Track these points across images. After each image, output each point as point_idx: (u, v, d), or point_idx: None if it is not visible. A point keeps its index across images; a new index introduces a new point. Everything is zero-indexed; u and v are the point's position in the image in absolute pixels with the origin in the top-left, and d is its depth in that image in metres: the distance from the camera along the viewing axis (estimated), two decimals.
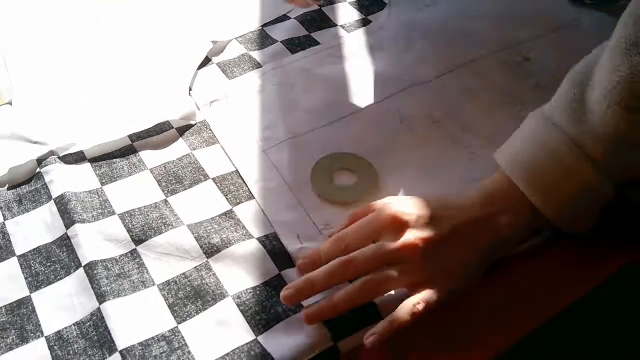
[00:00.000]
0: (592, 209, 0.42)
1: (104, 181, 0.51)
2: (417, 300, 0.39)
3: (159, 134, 0.55)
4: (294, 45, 0.67)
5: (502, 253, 0.44)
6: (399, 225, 0.41)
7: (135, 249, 0.46)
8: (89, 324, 0.41)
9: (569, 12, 0.72)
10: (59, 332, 0.41)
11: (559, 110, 0.42)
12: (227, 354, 0.39)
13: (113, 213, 0.48)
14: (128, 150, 0.54)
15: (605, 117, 0.39)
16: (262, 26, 0.70)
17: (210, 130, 0.56)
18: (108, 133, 0.55)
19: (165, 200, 0.49)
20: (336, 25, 0.70)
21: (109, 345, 0.40)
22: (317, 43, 0.68)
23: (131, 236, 0.47)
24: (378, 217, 0.42)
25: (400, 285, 0.41)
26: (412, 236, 0.40)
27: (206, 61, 0.65)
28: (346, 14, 0.72)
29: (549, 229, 0.45)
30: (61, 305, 0.43)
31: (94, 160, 0.53)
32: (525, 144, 0.43)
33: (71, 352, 0.40)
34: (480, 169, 0.52)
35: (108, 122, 0.56)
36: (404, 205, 0.43)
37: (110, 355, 0.39)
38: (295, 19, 0.71)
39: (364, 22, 0.71)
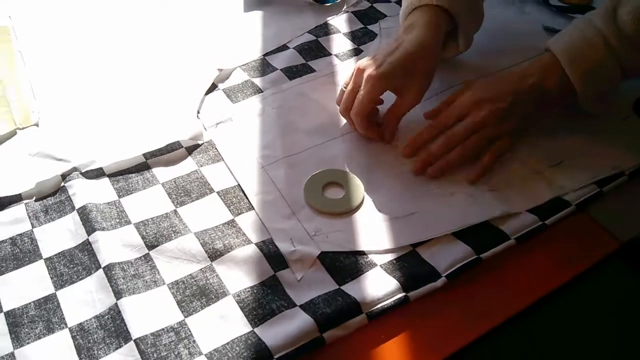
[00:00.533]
0: (603, 86, 0.59)
1: (120, 194, 0.58)
2: (495, 147, 0.59)
3: (169, 152, 0.62)
4: (292, 72, 0.74)
5: (549, 110, 0.62)
6: (478, 103, 0.59)
7: (148, 253, 0.52)
8: (107, 317, 0.47)
9: (545, 41, 0.79)
10: (80, 324, 0.47)
11: (599, 17, 0.58)
12: (227, 343, 0.45)
13: (129, 222, 0.55)
14: (142, 166, 0.60)
15: (628, 25, 0.55)
16: (263, 55, 0.77)
17: (216, 149, 0.63)
18: (124, 151, 0.61)
19: (175, 211, 0.56)
20: (330, 54, 0.77)
21: (124, 335, 0.46)
22: (313, 70, 0.75)
23: (145, 242, 0.53)
24: (460, 99, 0.61)
25: (485, 141, 0.59)
26: (488, 110, 0.59)
27: (212, 87, 0.71)
28: (340, 44, 0.79)
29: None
30: (83, 301, 0.49)
31: (112, 175, 0.60)
32: (570, 37, 0.60)
33: (91, 340, 0.46)
34: (454, 185, 0.58)
35: (124, 142, 0.63)
36: (476, 85, 0.61)
37: (125, 344, 0.45)
38: (293, 48, 0.78)
39: (356, 52, 0.78)
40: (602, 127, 0.64)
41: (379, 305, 0.48)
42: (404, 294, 0.48)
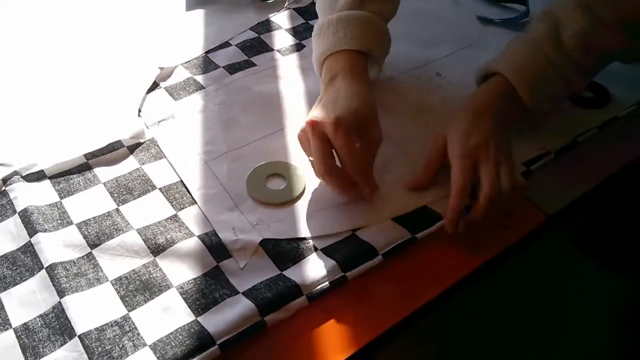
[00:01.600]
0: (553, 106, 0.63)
1: (62, 195, 0.58)
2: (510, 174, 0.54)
3: (111, 152, 0.62)
4: (234, 69, 0.75)
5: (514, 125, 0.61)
6: (492, 168, 0.54)
7: (90, 252, 0.52)
8: (51, 315, 0.48)
9: (478, 31, 0.82)
10: (25, 323, 0.47)
11: (545, 41, 0.60)
12: (170, 333, 0.46)
13: (71, 223, 0.55)
14: (83, 167, 0.61)
15: (575, 51, 0.59)
16: (205, 53, 0.78)
17: (158, 146, 0.64)
18: (65, 152, 0.61)
19: (117, 209, 0.56)
20: (273, 50, 0.79)
21: (69, 331, 0.46)
22: (255, 66, 0.76)
23: (87, 242, 0.53)
24: (463, 168, 0.54)
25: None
26: (497, 166, 0.54)
27: (154, 85, 0.72)
28: (282, 39, 0.81)
29: None
30: (26, 301, 0.49)
31: (53, 177, 0.60)
32: (521, 59, 0.61)
33: (36, 339, 0.46)
34: (392, 173, 0.60)
35: (65, 143, 0.63)
36: (466, 152, 0.55)
37: (70, 340, 0.46)
38: (235, 45, 0.79)
39: (298, 47, 0.80)
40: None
41: (318, 287, 0.49)
42: (342, 274, 0.50)
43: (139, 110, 0.68)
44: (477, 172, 0.54)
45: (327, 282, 0.50)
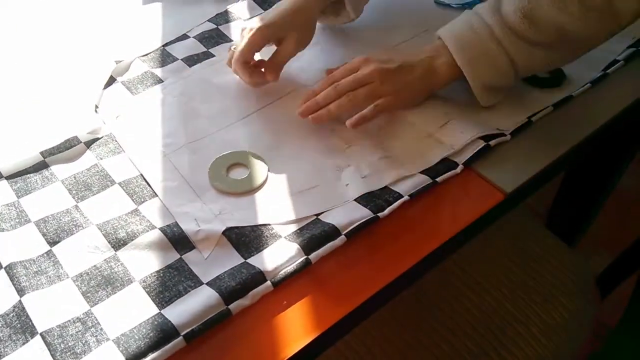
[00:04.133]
0: (493, 77, 0.63)
1: (19, 194, 0.57)
2: (377, 102, 0.62)
3: (68, 149, 0.61)
4: (193, 61, 0.74)
5: (436, 84, 0.65)
6: (368, 62, 0.63)
7: (50, 250, 0.52)
8: (11, 314, 0.47)
9: (436, 16, 0.83)
10: None
11: (484, 7, 0.62)
12: (134, 327, 0.46)
13: (29, 221, 0.54)
14: (40, 165, 0.59)
15: (513, 16, 0.59)
16: (163, 45, 0.77)
17: (116, 141, 0.63)
18: (21, 151, 0.60)
19: (76, 206, 0.56)
20: (232, 41, 0.78)
21: (30, 330, 0.46)
22: (211, 54, 0.75)
23: (46, 239, 0.52)
24: (354, 60, 0.65)
25: (368, 95, 0.62)
26: (375, 67, 0.63)
27: (111, 80, 0.71)
28: (240, 30, 0.80)
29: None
30: None
31: (9, 177, 0.58)
32: (458, 23, 0.64)
33: None
34: (353, 155, 0.61)
35: (20, 141, 0.62)
36: (374, 54, 0.65)
37: (32, 338, 0.45)
38: (194, 37, 0.78)
39: None
40: None
41: (282, 272, 0.50)
42: (305, 257, 0.51)
43: (96, 106, 0.67)
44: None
45: (290, 266, 0.50)
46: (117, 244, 0.52)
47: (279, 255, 0.51)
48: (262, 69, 0.69)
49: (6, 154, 0.60)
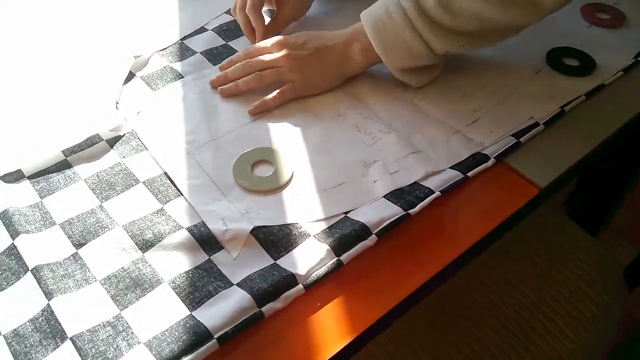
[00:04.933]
0: (410, 60, 0.62)
1: (42, 195, 0.56)
2: (282, 89, 0.64)
3: (90, 147, 0.60)
4: (213, 55, 0.73)
5: (350, 70, 0.66)
6: (283, 45, 0.65)
7: (76, 252, 0.51)
8: (41, 319, 0.46)
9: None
10: (15, 329, 0.46)
11: None
12: (166, 329, 0.45)
13: (54, 223, 0.53)
14: (62, 164, 0.58)
15: (428, 1, 0.58)
16: (181, 39, 0.76)
17: (138, 138, 0.62)
18: (42, 150, 0.59)
19: (101, 206, 0.55)
20: None
21: (60, 334, 0.45)
22: (234, 51, 0.74)
23: (72, 242, 0.52)
24: (270, 40, 0.67)
25: (274, 79, 0.65)
26: (286, 52, 0.64)
27: (130, 75, 0.70)
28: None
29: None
30: (14, 306, 0.47)
31: (31, 177, 0.57)
32: (377, 7, 0.63)
33: (27, 345, 0.45)
34: (379, 151, 0.59)
35: (42, 140, 0.61)
36: (292, 36, 0.66)
37: (62, 343, 0.44)
38: (212, 30, 0.77)
39: None
40: (516, 82, 0.67)
41: (314, 274, 0.48)
42: (336, 258, 0.49)
43: (117, 103, 0.66)
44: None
45: (322, 268, 0.49)
46: (145, 245, 0.51)
47: (310, 256, 0.50)
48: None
49: (27, 153, 0.59)
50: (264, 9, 0.76)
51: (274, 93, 0.64)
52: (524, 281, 0.80)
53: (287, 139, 0.62)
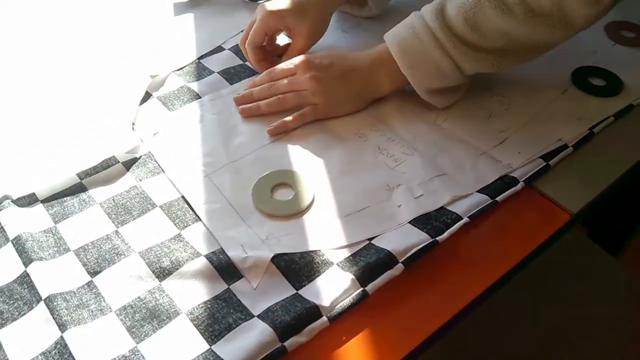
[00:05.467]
0: (438, 81, 0.61)
1: (56, 219, 0.54)
2: (304, 111, 0.63)
3: (105, 169, 0.58)
4: (230, 74, 0.71)
5: (374, 93, 0.65)
6: (308, 67, 0.62)
7: (91, 281, 0.49)
8: (54, 352, 0.44)
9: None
10: None
11: (428, 10, 0.59)
12: None
13: (68, 250, 0.51)
14: (77, 188, 0.57)
15: (455, 21, 0.56)
16: (198, 58, 0.74)
17: (155, 160, 0.60)
18: (57, 173, 0.58)
19: (116, 231, 0.53)
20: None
21: None
22: (251, 71, 0.72)
23: (86, 269, 0.50)
24: (295, 60, 0.64)
25: (297, 102, 0.63)
26: (310, 75, 0.62)
27: (147, 96, 0.68)
28: (277, 39, 0.77)
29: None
30: (27, 338, 0.45)
31: (45, 201, 0.56)
32: (402, 28, 0.61)
33: None
34: (403, 173, 0.57)
35: (56, 162, 0.59)
36: (314, 55, 0.64)
37: None
38: (229, 49, 0.76)
39: None
40: (541, 102, 0.65)
41: (338, 306, 0.46)
42: (362, 288, 0.47)
43: (133, 124, 0.64)
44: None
45: (347, 300, 0.47)
46: (162, 274, 0.49)
47: (333, 286, 0.47)
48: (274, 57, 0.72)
49: (41, 175, 0.58)
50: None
51: (295, 114, 0.63)
52: (548, 306, 0.78)
53: (307, 160, 0.60)
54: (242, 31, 0.78)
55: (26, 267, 0.50)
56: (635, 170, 0.59)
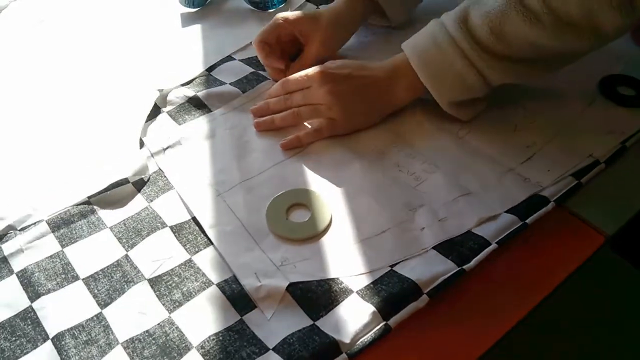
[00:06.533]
0: (462, 93, 0.58)
1: (63, 243, 0.52)
2: (320, 127, 0.60)
3: (115, 188, 0.56)
4: (242, 84, 0.69)
5: (393, 106, 0.62)
6: (325, 78, 0.59)
7: (100, 312, 0.47)
8: None
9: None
10: None
11: (450, 18, 0.56)
12: None
13: (77, 278, 0.49)
14: (86, 210, 0.55)
15: (480, 30, 0.53)
16: (207, 69, 0.72)
17: (165, 177, 0.58)
18: (63, 199, 0.55)
19: (126, 256, 0.51)
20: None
21: None
22: (264, 78, 0.70)
23: (97, 301, 0.48)
24: (311, 70, 0.61)
25: (312, 116, 0.61)
26: (329, 86, 0.59)
27: (155, 110, 0.66)
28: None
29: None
30: None
31: (52, 223, 0.54)
32: (423, 37, 0.58)
33: None
34: (425, 193, 0.54)
35: (62, 188, 0.57)
36: (329, 66, 0.61)
37: None
38: (240, 60, 0.73)
39: None
40: (567, 114, 0.61)
41: (359, 342, 0.43)
42: (384, 322, 0.44)
43: (141, 140, 0.62)
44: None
45: (368, 335, 0.44)
46: (172, 307, 0.47)
47: (353, 319, 0.45)
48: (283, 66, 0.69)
49: (48, 196, 0.55)
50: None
51: (310, 130, 0.60)
52: (577, 328, 0.74)
53: (323, 178, 0.57)
54: (251, 42, 0.76)
55: (32, 302, 0.48)
56: None
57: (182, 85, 0.69)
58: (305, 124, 0.62)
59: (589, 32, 0.52)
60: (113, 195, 0.56)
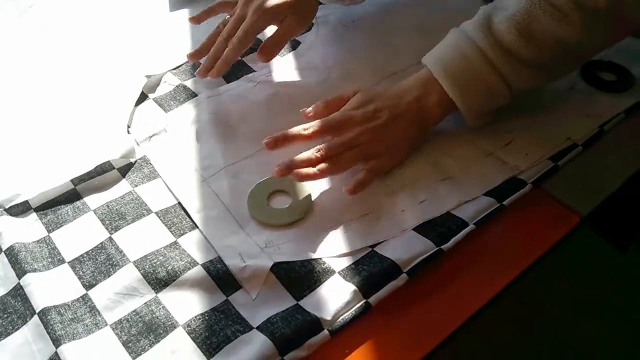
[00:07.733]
0: (488, 103, 0.56)
1: (50, 228, 0.53)
2: (369, 167, 0.54)
3: (100, 175, 0.57)
4: (227, 73, 0.69)
5: (430, 124, 0.58)
6: (353, 123, 0.55)
7: (86, 294, 0.48)
8: None
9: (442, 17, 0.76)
10: None
11: (472, 27, 0.55)
12: None
13: (62, 261, 0.50)
14: (71, 194, 0.55)
15: (507, 35, 0.52)
16: None
17: (151, 164, 0.58)
18: (50, 179, 0.56)
19: (110, 238, 0.51)
20: None
21: None
22: (249, 68, 0.70)
23: (82, 283, 0.48)
24: (337, 116, 0.56)
25: (358, 160, 0.54)
26: (362, 129, 0.54)
27: (142, 97, 0.66)
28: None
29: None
30: (20, 353, 0.44)
31: (39, 209, 0.54)
32: (445, 49, 0.57)
33: None
34: (406, 176, 0.55)
35: (49, 168, 0.57)
36: (357, 102, 0.57)
37: None
38: None
39: (293, 44, 0.74)
40: (548, 99, 0.62)
41: (340, 319, 0.45)
42: (364, 300, 0.46)
43: (128, 126, 0.63)
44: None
45: (349, 312, 0.45)
46: (158, 285, 0.48)
47: (335, 298, 0.46)
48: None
49: (34, 180, 0.56)
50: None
51: (363, 173, 0.54)
52: (559, 308, 0.76)
53: None
54: None
55: (19, 278, 0.48)
56: None
57: (170, 70, 0.70)
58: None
59: (618, 22, 0.53)
60: (99, 181, 0.57)
